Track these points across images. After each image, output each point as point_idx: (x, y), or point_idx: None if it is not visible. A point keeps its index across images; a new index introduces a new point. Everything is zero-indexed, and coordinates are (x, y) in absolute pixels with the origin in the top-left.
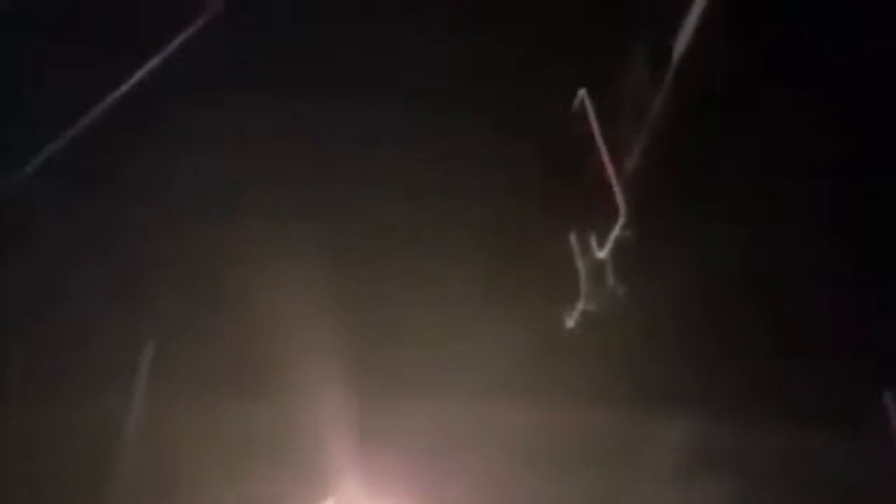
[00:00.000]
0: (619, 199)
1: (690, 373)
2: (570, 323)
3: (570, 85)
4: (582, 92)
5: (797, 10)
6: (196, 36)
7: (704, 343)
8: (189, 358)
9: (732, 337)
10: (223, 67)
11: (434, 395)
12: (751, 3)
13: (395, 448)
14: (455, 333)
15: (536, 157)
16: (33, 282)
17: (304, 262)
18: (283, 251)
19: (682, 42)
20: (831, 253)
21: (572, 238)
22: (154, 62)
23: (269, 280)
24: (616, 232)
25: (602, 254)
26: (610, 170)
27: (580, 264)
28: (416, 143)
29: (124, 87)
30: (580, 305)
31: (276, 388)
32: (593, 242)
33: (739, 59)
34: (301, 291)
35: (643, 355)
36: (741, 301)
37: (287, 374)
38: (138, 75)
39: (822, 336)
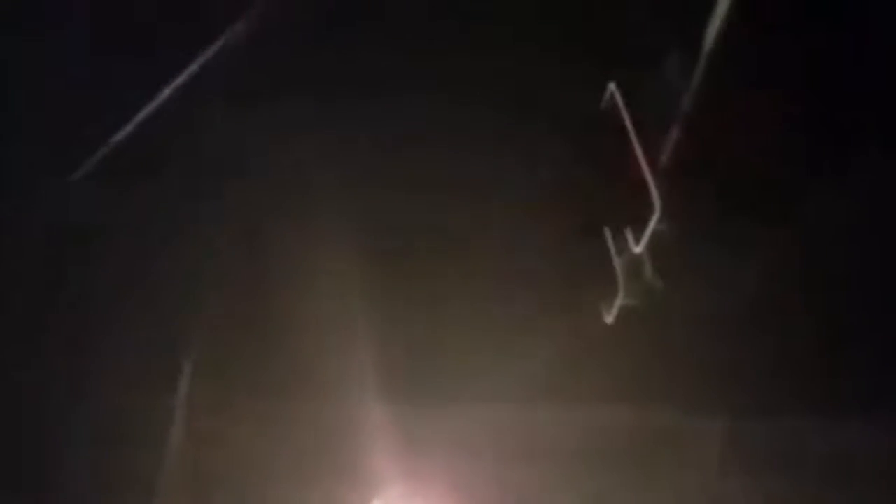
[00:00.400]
0: (654, 192)
1: (734, 368)
2: (609, 319)
3: (598, 79)
4: (611, 86)
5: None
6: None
7: (745, 338)
8: (233, 364)
9: (773, 332)
10: (266, 68)
11: (475, 398)
12: None
13: (438, 451)
14: (494, 334)
15: (566, 153)
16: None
17: (344, 265)
18: (325, 254)
19: (711, 33)
20: (875, 249)
21: (607, 234)
22: (196, 65)
23: (311, 285)
24: (651, 226)
25: (638, 249)
26: (643, 164)
27: (616, 260)
28: (447, 142)
29: (166, 91)
30: (618, 301)
31: (319, 393)
32: (629, 238)
33: (772, 48)
34: (342, 295)
35: (683, 350)
36: (781, 296)
37: (329, 380)
38: (181, 77)
39: (865, 333)
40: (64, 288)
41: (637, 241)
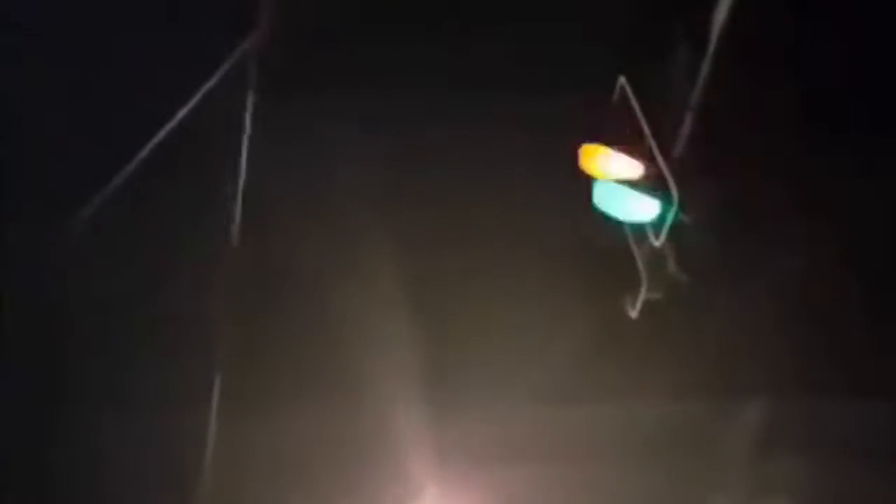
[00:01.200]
0: (671, 185)
1: (763, 355)
2: (634, 314)
3: (608, 73)
4: (621, 79)
5: None
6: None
7: (771, 325)
8: (264, 373)
9: (800, 320)
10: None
11: (505, 399)
12: None
13: (471, 453)
14: (520, 335)
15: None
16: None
17: (373, 269)
18: (349, 261)
19: (720, 18)
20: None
21: (627, 228)
22: (218, 75)
23: (339, 291)
24: (670, 219)
25: (658, 242)
26: (658, 156)
27: (637, 254)
28: (464, 140)
29: (191, 102)
30: (642, 295)
31: (351, 399)
32: (649, 231)
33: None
34: (371, 299)
35: (710, 341)
36: (807, 284)
37: (361, 385)
38: (207, 84)
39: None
40: (91, 302)
41: (657, 234)
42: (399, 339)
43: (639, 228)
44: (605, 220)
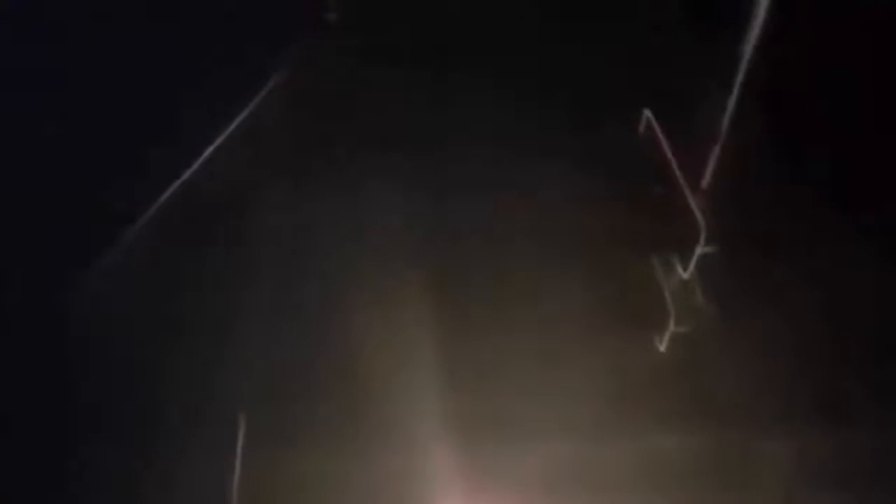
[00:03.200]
0: (698, 217)
1: (791, 387)
2: (662, 347)
3: (635, 106)
4: (647, 113)
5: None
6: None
7: (800, 358)
8: (289, 410)
9: (827, 351)
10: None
11: (536, 433)
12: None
13: (502, 490)
14: (551, 367)
15: (608, 182)
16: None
17: (401, 306)
18: (382, 297)
19: (747, 51)
20: None
21: (655, 261)
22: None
23: (369, 325)
24: (698, 251)
25: (687, 274)
26: (685, 189)
27: (666, 286)
28: (494, 180)
29: (210, 149)
30: (671, 328)
31: (381, 441)
32: (676, 264)
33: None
34: (399, 336)
35: (739, 373)
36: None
37: (387, 423)
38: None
39: None
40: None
41: (685, 266)
42: (429, 381)
43: (666, 261)
44: None
